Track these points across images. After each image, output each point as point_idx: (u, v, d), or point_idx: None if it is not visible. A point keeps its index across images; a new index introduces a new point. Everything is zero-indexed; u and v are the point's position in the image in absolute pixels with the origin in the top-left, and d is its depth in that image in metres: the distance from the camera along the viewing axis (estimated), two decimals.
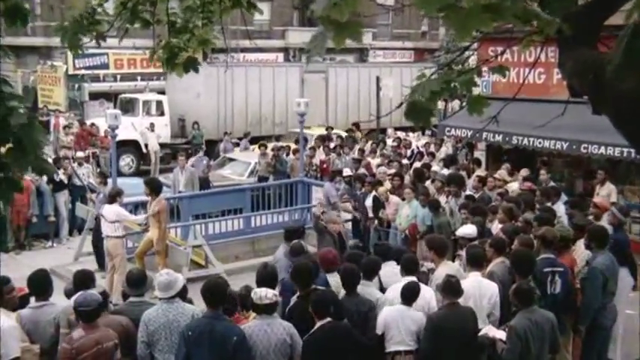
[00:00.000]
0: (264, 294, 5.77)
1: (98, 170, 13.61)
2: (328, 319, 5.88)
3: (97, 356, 5.52)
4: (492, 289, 6.89)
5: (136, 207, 13.47)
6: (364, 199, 12.75)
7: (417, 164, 15.88)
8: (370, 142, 19.41)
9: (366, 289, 6.84)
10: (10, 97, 4.34)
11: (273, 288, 6.21)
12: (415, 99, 3.73)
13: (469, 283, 6.77)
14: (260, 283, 6.40)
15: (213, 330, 5.55)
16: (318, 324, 5.88)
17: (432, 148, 18.36)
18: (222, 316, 5.69)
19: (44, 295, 5.88)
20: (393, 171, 13.98)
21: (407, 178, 13.41)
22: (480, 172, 13.68)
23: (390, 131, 24.02)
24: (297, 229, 8.60)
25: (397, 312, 6.42)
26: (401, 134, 22.95)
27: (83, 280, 6.44)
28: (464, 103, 17.43)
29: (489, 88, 14.90)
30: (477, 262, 7.16)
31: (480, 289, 6.86)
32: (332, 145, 19.29)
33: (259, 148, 18.73)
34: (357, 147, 19.12)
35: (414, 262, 7.20)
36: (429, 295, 6.78)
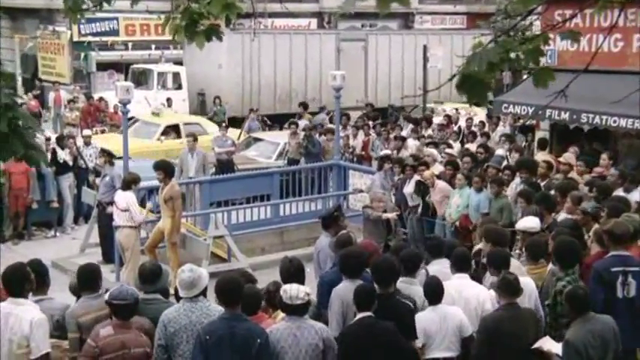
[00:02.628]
0: (296, 293, 5.79)
1: (101, 148, 13.71)
2: (369, 313, 5.95)
3: None
4: (530, 286, 6.85)
5: (150, 192, 13.61)
6: (402, 186, 12.73)
7: (470, 146, 15.76)
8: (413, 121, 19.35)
9: (410, 287, 6.83)
10: None
11: (301, 284, 6.23)
12: (469, 71, 3.70)
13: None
14: (286, 279, 6.44)
15: (234, 333, 5.59)
16: (358, 317, 5.98)
17: (487, 128, 18.25)
18: (242, 316, 5.72)
19: (21, 292, 5.84)
20: (449, 151, 13.92)
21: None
22: (543, 155, 13.51)
23: (438, 108, 23.89)
24: (331, 213, 8.60)
25: (432, 314, 6.41)
26: (450, 111, 22.79)
27: (89, 278, 6.44)
28: (524, 76, 17.21)
29: (555, 58, 14.68)
30: (536, 255, 7.15)
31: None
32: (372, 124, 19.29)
33: (289, 126, 18.78)
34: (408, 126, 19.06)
35: (467, 257, 7.19)
36: (483, 297, 6.74)
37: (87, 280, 6.46)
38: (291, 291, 5.80)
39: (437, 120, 20.19)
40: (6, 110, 4.42)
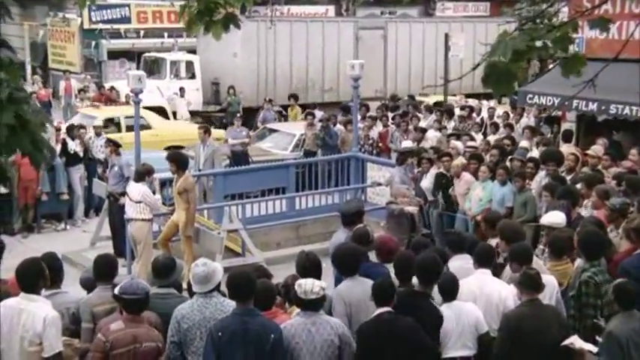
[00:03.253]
0: (310, 287, 5.79)
1: (107, 138, 13.73)
2: (388, 308, 5.96)
3: (132, 356, 5.64)
4: (551, 282, 6.82)
5: (163, 184, 13.64)
6: (420, 179, 12.67)
7: (492, 138, 15.68)
8: (435, 112, 19.27)
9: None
10: None
11: (318, 280, 6.23)
12: (495, 60, 3.67)
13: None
14: (301, 274, 6.44)
15: (247, 329, 5.59)
16: (376, 312, 6.00)
17: (511, 119, 18.15)
18: (255, 311, 5.73)
19: (34, 288, 5.88)
20: (471, 144, 13.84)
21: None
22: (568, 148, 13.43)
23: (459, 99, 23.77)
24: (356, 211, 8.58)
25: (447, 311, 6.39)
26: (472, 102, 22.68)
27: (106, 268, 6.54)
28: (550, 65, 17.11)
29: (582, 46, 14.57)
30: (559, 251, 7.13)
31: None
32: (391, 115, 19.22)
33: (306, 117, 18.77)
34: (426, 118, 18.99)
35: (490, 252, 7.16)
36: (505, 293, 6.71)
37: (103, 270, 6.54)
38: (306, 285, 5.81)
39: (457, 112, 20.07)
40: (10, 103, 4.43)
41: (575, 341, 6.35)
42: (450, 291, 6.49)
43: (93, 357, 5.67)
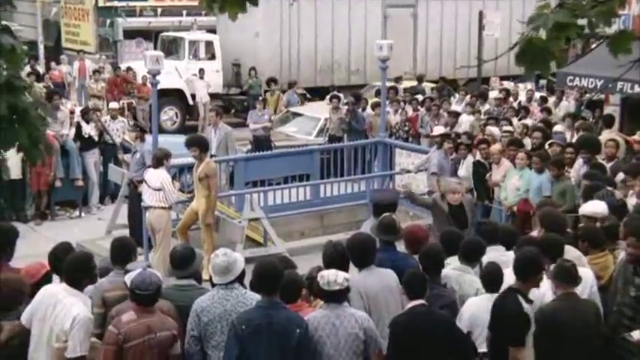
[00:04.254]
0: (334, 278, 5.80)
1: (133, 123, 13.71)
2: (421, 301, 5.99)
3: (147, 348, 5.67)
4: (588, 276, 6.78)
5: (181, 171, 13.69)
6: (457, 167, 12.60)
7: (527, 122, 15.57)
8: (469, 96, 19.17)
9: (465, 276, 6.80)
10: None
11: (345, 271, 6.24)
12: (532, 37, 3.61)
13: None
14: (327, 266, 6.44)
15: (272, 322, 5.61)
16: (409, 305, 6.02)
17: (550, 103, 18.00)
18: (280, 304, 5.76)
19: (77, 283, 5.97)
20: (507, 129, 13.74)
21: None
22: (610, 133, 13.30)
23: (493, 81, 23.62)
24: (390, 203, 8.56)
25: (486, 302, 6.36)
26: (508, 85, 22.53)
27: (123, 252, 6.60)
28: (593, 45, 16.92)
29: (629, 23, 14.39)
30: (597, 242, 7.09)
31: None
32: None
33: (331, 100, 18.75)
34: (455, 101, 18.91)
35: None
36: (542, 289, 6.62)
37: (120, 254, 6.61)
38: (329, 276, 5.82)
39: (492, 95, 19.95)
40: (7, 91, 4.43)
41: (635, 334, 6.31)
42: (493, 282, 6.46)
43: (106, 350, 5.68)
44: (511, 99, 19.43)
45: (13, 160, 12.46)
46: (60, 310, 5.68)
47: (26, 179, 14.23)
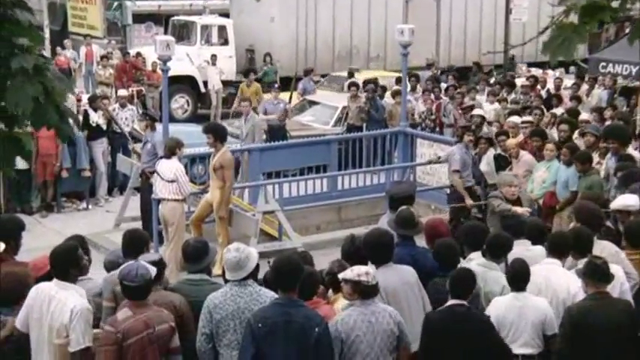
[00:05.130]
0: (364, 272, 5.83)
1: (142, 112, 13.74)
2: (461, 301, 6.05)
3: (146, 343, 5.70)
4: (618, 274, 6.74)
5: (193, 161, 13.74)
6: (479, 161, 12.57)
7: (558, 110, 15.50)
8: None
9: (490, 272, 6.81)
10: (19, 32, 4.46)
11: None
12: (563, 21, 3.59)
13: None
14: (347, 261, 6.48)
15: (290, 320, 5.63)
16: (448, 303, 6.09)
17: (581, 91, 17.91)
18: (298, 301, 5.77)
19: (68, 275, 5.98)
20: (527, 119, 13.66)
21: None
22: None
23: (521, 68, 23.51)
24: (407, 195, 8.56)
25: (512, 301, 6.37)
26: (536, 71, 22.41)
27: (135, 244, 6.65)
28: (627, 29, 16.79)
29: None
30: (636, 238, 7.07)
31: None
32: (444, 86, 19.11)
33: (349, 88, 18.73)
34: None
35: (563, 241, 7.08)
36: (574, 289, 6.61)
37: (132, 246, 6.64)
38: (359, 271, 5.84)
39: (519, 82, 19.87)
40: (36, 72, 4.48)
41: None
42: (519, 279, 6.46)
43: (105, 351, 5.68)
44: (539, 87, 19.34)
45: None
46: (55, 305, 5.70)
47: (32, 169, 14.23)
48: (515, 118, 13.80)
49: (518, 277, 6.48)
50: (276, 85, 19.84)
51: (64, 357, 5.67)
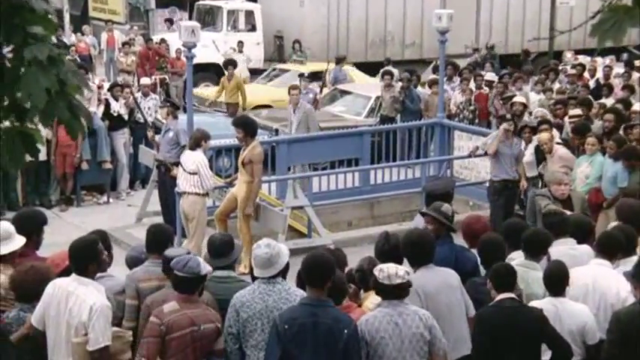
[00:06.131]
0: (394, 271, 5.79)
1: (164, 99, 13.81)
2: (510, 294, 6.10)
3: (189, 341, 5.79)
4: None
5: (218, 153, 13.81)
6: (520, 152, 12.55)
7: (608, 101, 15.39)
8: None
9: (531, 272, 6.80)
10: (33, 20, 4.50)
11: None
12: (616, 4, 3.55)
13: None
14: (380, 260, 6.48)
15: (318, 322, 5.63)
16: (497, 298, 6.14)
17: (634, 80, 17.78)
18: (327, 302, 5.76)
19: (86, 271, 5.99)
20: (577, 112, 13.58)
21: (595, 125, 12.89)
22: None
23: (568, 55, 23.35)
24: (443, 192, 8.58)
25: (548, 307, 6.34)
26: (584, 59, 22.23)
27: (160, 239, 6.70)
28: None
29: None
30: None
31: None
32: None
33: (382, 77, 18.73)
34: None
35: (615, 241, 7.00)
36: (624, 293, 6.54)
37: (156, 242, 6.69)
38: (389, 269, 5.80)
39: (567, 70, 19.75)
40: (51, 64, 4.52)
41: None
42: (556, 283, 6.44)
43: (148, 342, 5.79)
44: (587, 75, 19.22)
45: None
46: (73, 302, 5.74)
47: (50, 161, 14.33)
48: (541, 111, 13.75)
49: (555, 281, 6.46)
50: (306, 74, 19.87)
51: (82, 356, 5.71)
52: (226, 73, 20.04)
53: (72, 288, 5.81)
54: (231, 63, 20.32)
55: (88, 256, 5.94)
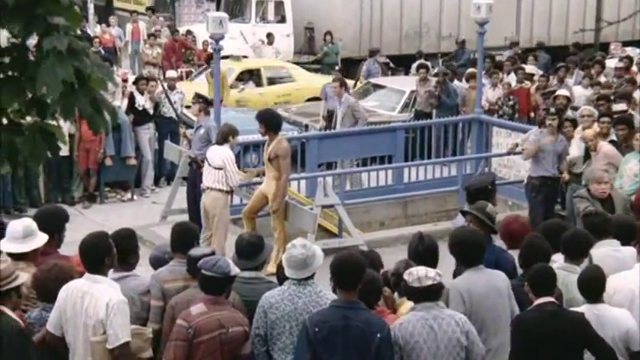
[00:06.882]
0: (424, 273, 5.80)
1: (195, 94, 13.78)
2: (550, 299, 6.08)
3: (217, 344, 5.84)
4: None
5: (245, 149, 13.85)
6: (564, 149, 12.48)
7: None
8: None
9: (572, 276, 6.76)
10: (56, 11, 4.53)
11: (433, 268, 6.24)
12: None
13: None
14: (414, 261, 6.47)
15: (349, 325, 5.64)
16: (536, 302, 6.12)
17: None
18: (359, 304, 5.77)
19: (99, 268, 6.01)
20: (622, 107, 13.47)
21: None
22: None
23: (613, 47, 23.14)
24: (479, 187, 8.56)
25: (587, 314, 6.28)
26: (632, 51, 22.02)
27: (185, 238, 6.73)
28: None
29: None
30: None
31: None
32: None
33: (417, 71, 18.70)
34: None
35: None
36: None
37: (182, 241, 6.72)
38: (418, 272, 5.81)
39: (611, 63, 19.59)
40: (70, 55, 4.55)
41: None
42: (592, 289, 6.41)
43: (175, 346, 5.84)
44: (635, 69, 19.06)
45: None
46: (89, 301, 5.78)
47: (73, 157, 14.41)
48: (588, 109, 13.65)
49: (591, 287, 6.41)
50: (338, 67, 19.87)
51: (102, 355, 5.75)
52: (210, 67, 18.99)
53: (86, 287, 5.86)
54: (209, 57, 19.17)
55: (101, 252, 5.96)
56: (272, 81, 21.15)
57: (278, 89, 21.09)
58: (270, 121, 11.55)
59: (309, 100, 20.48)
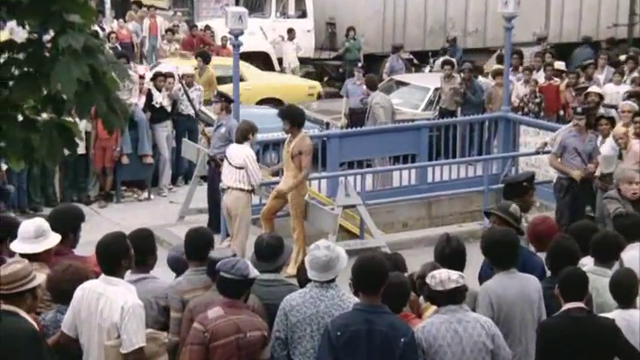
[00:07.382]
0: (446, 276, 5.79)
1: (217, 92, 13.79)
2: (579, 304, 6.03)
3: (234, 349, 5.84)
4: None
5: (265, 147, 13.87)
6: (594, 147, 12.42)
7: None
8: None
9: (602, 280, 6.71)
10: (71, 8, 4.55)
11: (460, 271, 6.22)
12: None
13: None
14: (440, 263, 6.45)
15: (372, 329, 5.64)
16: (564, 307, 6.08)
17: None
18: (382, 308, 5.76)
19: (115, 270, 5.99)
20: None
21: None
22: None
23: None
24: (521, 181, 8.50)
25: (619, 320, 6.23)
26: None
27: (200, 245, 6.68)
28: None
29: None
30: None
31: None
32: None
33: (442, 67, 18.67)
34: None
35: None
36: None
37: (197, 248, 6.68)
38: (441, 275, 5.81)
39: None
40: (85, 53, 4.57)
41: None
42: (625, 293, 6.35)
43: (191, 350, 5.85)
44: None
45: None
46: (104, 303, 5.78)
47: (89, 155, 14.46)
48: (628, 104, 13.58)
49: (623, 291, 6.35)
50: (360, 64, 19.84)
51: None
52: (198, 66, 18.57)
53: (101, 289, 5.85)
54: (202, 55, 19.14)
55: (118, 253, 5.94)
56: (221, 80, 18.47)
57: (226, 89, 19.14)
58: (294, 117, 11.61)
59: (261, 101, 19.82)
